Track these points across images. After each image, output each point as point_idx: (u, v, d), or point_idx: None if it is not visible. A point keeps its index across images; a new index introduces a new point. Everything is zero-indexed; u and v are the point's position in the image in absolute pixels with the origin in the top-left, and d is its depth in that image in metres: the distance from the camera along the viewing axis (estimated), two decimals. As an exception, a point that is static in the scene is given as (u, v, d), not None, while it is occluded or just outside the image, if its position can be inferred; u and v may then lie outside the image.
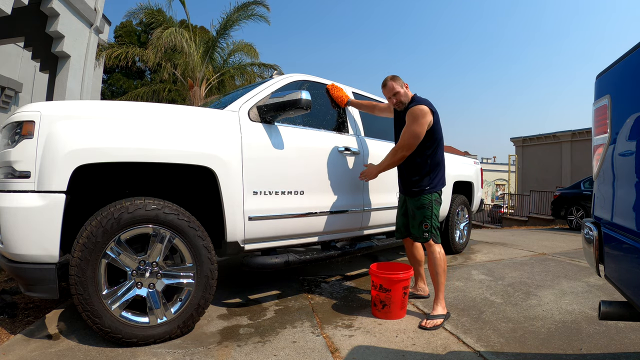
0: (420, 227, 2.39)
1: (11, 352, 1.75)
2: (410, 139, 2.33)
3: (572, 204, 9.11)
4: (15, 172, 1.65)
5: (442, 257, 2.37)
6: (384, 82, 2.47)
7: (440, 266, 2.35)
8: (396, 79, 2.45)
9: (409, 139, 2.33)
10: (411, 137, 2.32)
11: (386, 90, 2.46)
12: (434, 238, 2.38)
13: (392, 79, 2.45)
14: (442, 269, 2.35)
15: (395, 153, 2.41)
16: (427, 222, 2.37)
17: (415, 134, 2.30)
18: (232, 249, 2.15)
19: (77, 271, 1.68)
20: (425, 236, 2.37)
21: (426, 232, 2.37)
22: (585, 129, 15.73)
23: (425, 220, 2.37)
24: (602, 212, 1.36)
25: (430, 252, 2.39)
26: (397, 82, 2.44)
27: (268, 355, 1.79)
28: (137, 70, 20.78)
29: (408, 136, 2.33)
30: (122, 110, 1.90)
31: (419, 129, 2.30)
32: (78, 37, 7.20)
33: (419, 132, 2.30)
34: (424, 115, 2.29)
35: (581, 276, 3.39)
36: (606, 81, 1.36)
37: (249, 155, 2.17)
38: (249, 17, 10.56)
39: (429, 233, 2.37)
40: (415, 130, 2.30)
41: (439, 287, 2.35)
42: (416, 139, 2.32)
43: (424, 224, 2.37)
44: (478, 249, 4.88)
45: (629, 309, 1.23)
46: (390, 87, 2.43)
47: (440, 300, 2.32)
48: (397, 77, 2.47)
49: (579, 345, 1.93)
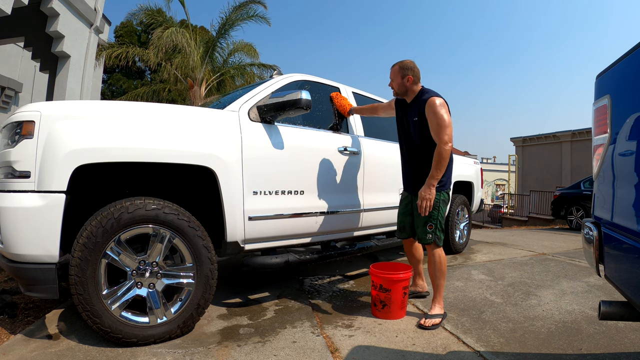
0: (425, 227, 2.32)
1: (11, 352, 1.75)
2: (447, 129, 2.19)
3: (572, 204, 9.11)
4: (15, 172, 1.65)
5: (443, 261, 2.34)
6: (395, 63, 2.41)
7: (441, 270, 2.32)
8: (404, 67, 2.36)
9: (446, 127, 2.18)
10: (446, 126, 2.19)
11: (391, 71, 2.43)
12: (437, 240, 2.32)
13: (400, 65, 2.38)
14: (442, 272, 2.32)
15: (441, 153, 2.19)
16: (433, 222, 2.30)
17: (448, 122, 2.21)
18: (232, 249, 2.15)
19: (77, 271, 1.68)
20: (429, 237, 2.31)
21: (430, 234, 2.31)
22: (585, 129, 15.73)
23: (430, 220, 2.30)
24: (602, 212, 1.36)
25: (431, 255, 2.35)
26: (403, 70, 2.36)
27: (268, 355, 1.79)
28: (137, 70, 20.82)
29: (444, 125, 2.18)
30: (122, 110, 1.90)
31: (448, 117, 2.23)
32: (78, 37, 7.21)
33: (450, 120, 2.22)
34: (444, 105, 2.25)
35: (581, 276, 3.39)
36: (606, 81, 1.36)
37: (249, 155, 2.17)
38: (249, 18, 10.58)
39: (433, 234, 2.31)
40: (447, 118, 2.21)
41: (438, 289, 2.33)
42: (451, 126, 2.22)
43: (429, 224, 2.31)
44: (478, 249, 4.88)
45: (629, 309, 1.23)
46: (393, 71, 2.40)
47: (439, 301, 2.32)
48: (408, 65, 2.37)
49: (579, 345, 1.93)
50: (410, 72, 2.36)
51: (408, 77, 2.36)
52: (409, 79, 2.36)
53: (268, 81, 2.59)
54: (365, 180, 2.93)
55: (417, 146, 2.38)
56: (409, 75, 2.35)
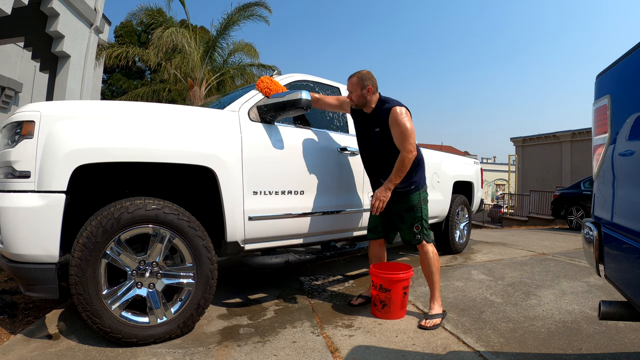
0: (412, 229, 2.33)
1: (11, 352, 1.75)
2: (410, 137, 2.22)
3: (572, 204, 9.11)
4: (15, 172, 1.65)
5: (436, 257, 2.36)
6: (352, 74, 2.37)
7: (435, 265, 2.34)
8: (363, 78, 2.32)
9: (409, 137, 2.22)
10: (410, 135, 2.22)
11: (348, 83, 2.38)
12: (426, 238, 2.34)
13: (359, 77, 2.33)
14: (436, 268, 2.34)
15: (404, 160, 2.23)
16: (418, 223, 2.32)
17: (412, 131, 2.24)
18: (232, 249, 2.15)
19: (77, 271, 1.68)
20: (418, 238, 2.33)
21: (418, 234, 2.33)
22: (585, 129, 15.74)
23: (415, 221, 2.32)
24: (602, 212, 1.36)
25: (423, 253, 2.36)
26: (362, 82, 2.32)
27: (268, 355, 1.79)
28: (137, 70, 20.82)
29: (407, 134, 2.22)
30: (122, 110, 1.90)
31: (411, 125, 2.25)
32: (78, 37, 7.21)
33: (412, 128, 2.25)
34: (407, 113, 2.27)
35: (581, 276, 3.39)
36: (606, 81, 1.36)
37: (249, 155, 2.17)
38: (248, 17, 10.57)
39: (421, 234, 2.33)
40: (410, 127, 2.23)
41: (434, 286, 2.34)
42: (414, 135, 2.24)
43: (415, 226, 2.32)
44: (478, 249, 4.88)
45: (629, 309, 1.23)
46: (351, 83, 2.36)
47: (437, 299, 2.33)
48: (366, 76, 2.33)
49: (579, 345, 1.93)
50: (369, 82, 2.33)
51: (368, 87, 2.32)
52: (369, 90, 2.33)
53: (268, 81, 2.59)
54: (366, 180, 2.92)
55: (376, 155, 2.40)
56: (369, 85, 2.32)
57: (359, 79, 2.34)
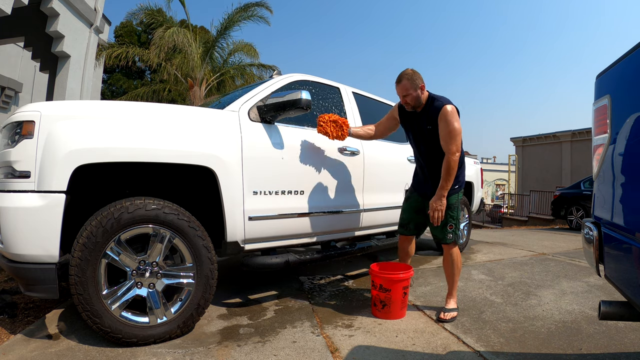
0: (445, 228, 2.35)
1: (11, 352, 1.75)
2: (457, 138, 2.19)
3: (572, 204, 9.11)
4: (15, 172, 1.65)
5: (459, 258, 2.44)
6: (399, 78, 2.27)
7: (457, 267, 2.42)
8: (413, 78, 2.23)
9: (456, 137, 2.18)
10: (457, 135, 2.18)
11: (399, 88, 2.28)
12: (457, 239, 2.40)
13: (408, 78, 2.24)
14: (458, 269, 2.42)
15: (450, 163, 2.19)
16: (453, 222, 2.34)
17: (459, 131, 2.20)
18: (232, 249, 2.15)
19: (77, 271, 1.68)
20: (450, 237, 2.36)
21: (451, 234, 2.35)
22: (585, 129, 15.74)
23: (450, 220, 2.34)
24: (602, 212, 1.35)
25: (449, 253, 2.40)
26: (413, 82, 2.23)
27: (268, 355, 1.79)
28: (137, 70, 20.81)
29: (455, 134, 2.18)
30: (122, 110, 1.90)
31: (459, 125, 2.21)
32: (78, 37, 7.21)
33: (460, 128, 2.21)
34: (455, 112, 2.22)
35: (581, 276, 3.39)
36: (606, 81, 1.36)
37: (249, 155, 2.17)
38: (248, 18, 10.57)
39: (454, 234, 2.36)
40: (458, 127, 2.19)
41: (453, 285, 2.44)
42: (460, 135, 2.21)
43: (449, 225, 2.34)
44: (478, 249, 4.88)
45: (629, 309, 1.23)
46: (404, 87, 2.25)
47: (454, 296, 2.44)
48: (414, 76, 2.24)
49: (579, 345, 1.93)
50: (420, 80, 2.25)
51: (421, 86, 2.26)
52: (422, 88, 2.27)
53: (268, 81, 2.59)
54: (365, 180, 2.93)
55: (432, 153, 2.35)
56: (421, 84, 2.26)
57: (410, 80, 2.23)
